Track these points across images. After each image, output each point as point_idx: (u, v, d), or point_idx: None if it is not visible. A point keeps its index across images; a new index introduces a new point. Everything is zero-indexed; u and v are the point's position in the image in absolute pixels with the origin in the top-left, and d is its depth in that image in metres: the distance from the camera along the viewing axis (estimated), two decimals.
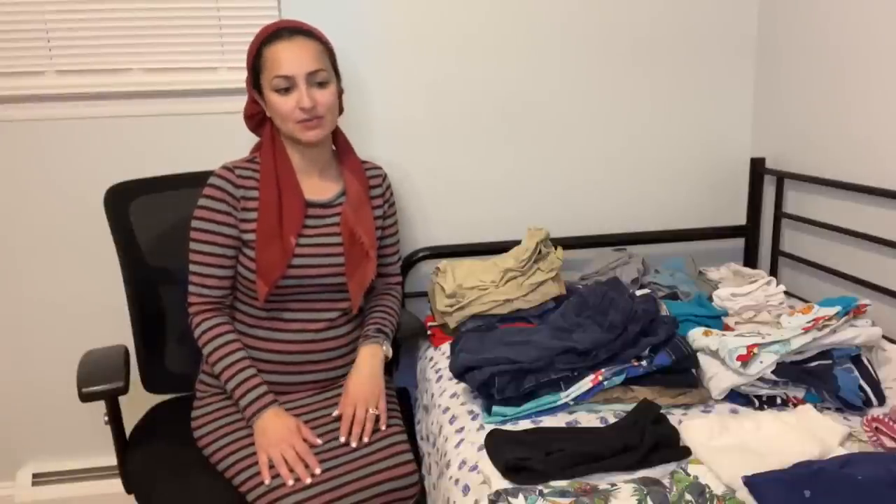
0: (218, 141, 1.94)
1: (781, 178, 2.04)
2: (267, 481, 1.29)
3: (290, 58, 1.40)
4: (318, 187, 1.54)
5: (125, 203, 1.61)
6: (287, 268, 1.44)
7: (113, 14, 1.84)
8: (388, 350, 1.54)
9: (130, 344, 1.62)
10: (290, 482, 1.27)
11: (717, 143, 2.18)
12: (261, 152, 1.51)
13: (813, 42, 1.89)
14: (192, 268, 1.45)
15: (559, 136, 2.09)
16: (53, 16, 1.83)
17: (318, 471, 1.30)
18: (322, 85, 1.44)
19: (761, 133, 2.15)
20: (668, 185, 2.19)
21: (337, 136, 1.59)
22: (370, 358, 1.50)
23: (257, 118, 1.55)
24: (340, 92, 1.54)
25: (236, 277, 1.50)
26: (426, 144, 2.04)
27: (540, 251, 1.82)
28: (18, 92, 1.85)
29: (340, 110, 1.58)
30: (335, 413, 1.44)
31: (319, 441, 1.37)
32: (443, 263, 1.92)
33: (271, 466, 1.30)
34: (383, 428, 1.43)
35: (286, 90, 1.41)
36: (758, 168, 2.12)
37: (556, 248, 1.86)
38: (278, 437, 1.34)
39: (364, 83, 1.97)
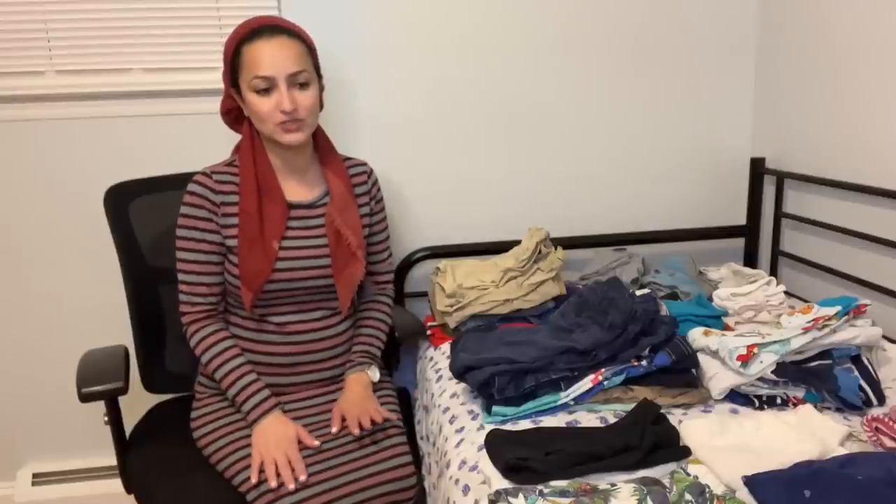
0: (218, 141, 1.94)
1: (781, 178, 2.04)
2: (254, 480, 1.29)
3: (271, 58, 1.35)
4: (301, 188, 1.50)
5: (125, 203, 1.61)
6: (271, 272, 1.42)
7: (113, 14, 1.84)
8: (374, 374, 1.53)
9: (130, 344, 1.62)
10: (273, 484, 1.27)
11: (717, 143, 2.18)
12: (240, 155, 1.46)
13: (812, 42, 1.89)
14: (181, 277, 1.43)
15: (559, 135, 2.09)
16: (53, 16, 1.82)
17: (303, 478, 1.29)
18: (303, 87, 1.39)
19: (761, 133, 2.15)
20: (668, 186, 2.19)
21: (317, 135, 1.54)
22: (356, 385, 1.48)
23: (234, 114, 1.51)
24: (321, 90, 1.49)
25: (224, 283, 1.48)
26: (426, 144, 2.04)
27: (540, 251, 1.82)
28: (18, 92, 1.85)
29: (320, 107, 1.53)
30: (333, 430, 1.40)
31: (317, 443, 1.37)
32: (443, 263, 1.92)
33: (261, 471, 1.31)
34: (394, 419, 1.43)
35: (266, 91, 1.37)
36: (758, 168, 2.12)
37: (556, 248, 1.86)
38: (274, 442, 1.33)
39: (364, 83, 1.96)
